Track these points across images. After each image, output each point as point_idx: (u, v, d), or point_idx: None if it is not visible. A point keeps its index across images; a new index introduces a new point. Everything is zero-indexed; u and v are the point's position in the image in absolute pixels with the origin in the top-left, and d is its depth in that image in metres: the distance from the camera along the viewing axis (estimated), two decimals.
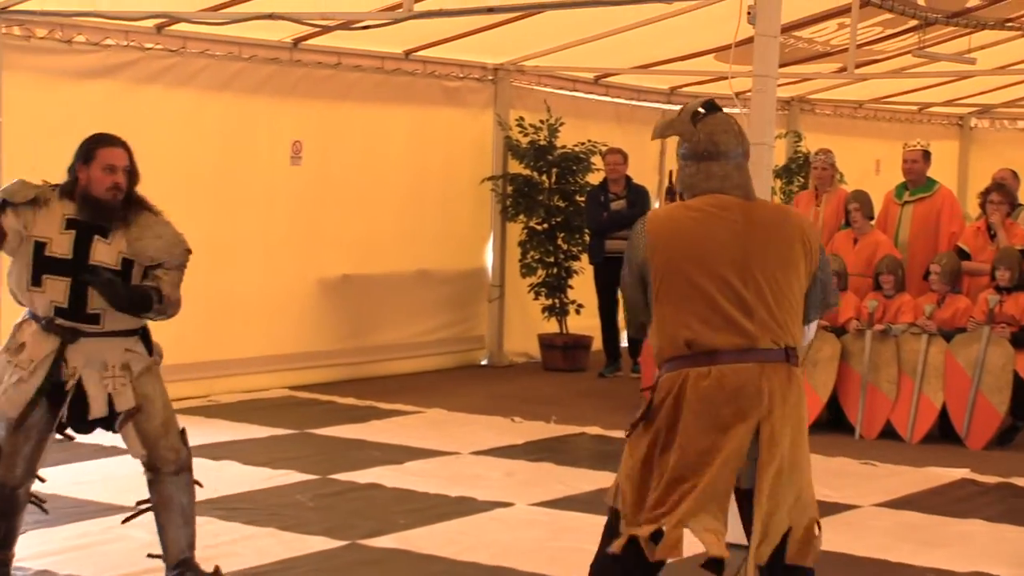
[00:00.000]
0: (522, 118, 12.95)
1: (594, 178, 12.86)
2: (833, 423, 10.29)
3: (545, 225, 12.89)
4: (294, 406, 10.76)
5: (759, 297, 4.58)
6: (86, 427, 5.88)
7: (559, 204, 12.94)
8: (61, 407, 5.71)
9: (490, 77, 13.03)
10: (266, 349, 11.30)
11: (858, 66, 12.33)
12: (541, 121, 12.89)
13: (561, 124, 12.83)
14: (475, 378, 12.49)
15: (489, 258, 13.15)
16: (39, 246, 5.67)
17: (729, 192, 4.69)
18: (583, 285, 12.86)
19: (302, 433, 9.69)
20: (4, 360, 5.80)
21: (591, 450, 9.53)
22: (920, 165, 10.94)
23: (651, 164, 14.25)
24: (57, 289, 5.67)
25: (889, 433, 10.09)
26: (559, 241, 12.91)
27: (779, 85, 7.31)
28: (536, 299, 12.92)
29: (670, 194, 11.98)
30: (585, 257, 12.79)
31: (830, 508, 7.90)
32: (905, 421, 10.06)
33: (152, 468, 5.87)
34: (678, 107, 4.97)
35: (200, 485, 6.01)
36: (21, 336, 5.79)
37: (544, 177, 12.94)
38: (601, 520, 4.82)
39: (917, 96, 16.37)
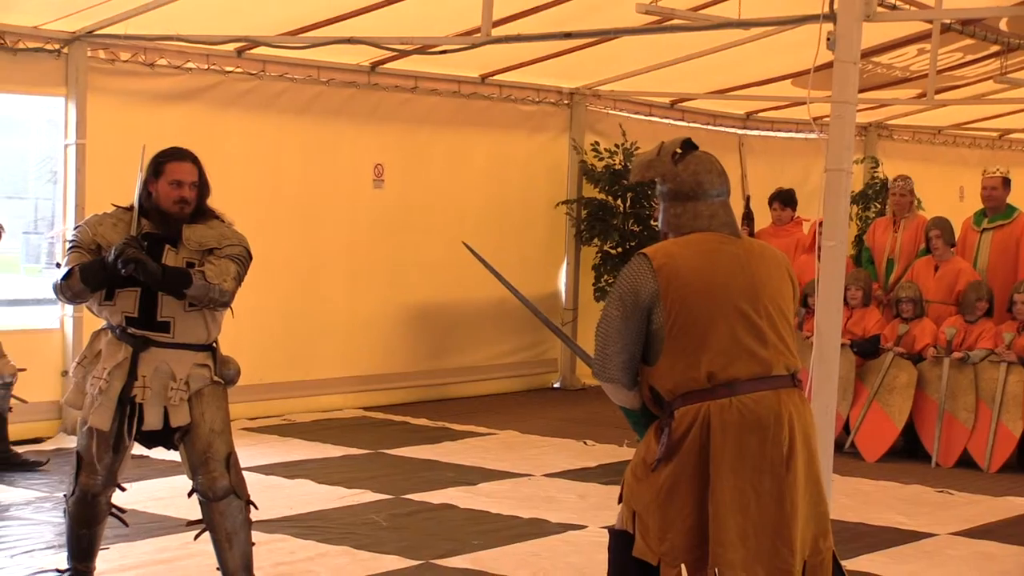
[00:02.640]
0: (597, 142, 13.02)
1: None
2: (909, 451, 10.27)
3: (619, 249, 12.92)
4: (368, 426, 10.87)
5: (770, 324, 4.67)
6: (147, 441, 5.96)
7: (633, 228, 12.98)
8: (133, 416, 5.80)
9: (566, 102, 13.11)
10: (343, 370, 11.43)
11: (938, 92, 12.29)
12: (616, 145, 12.96)
13: (636, 149, 12.87)
14: (548, 401, 12.54)
15: (563, 282, 13.22)
16: None
17: (718, 230, 4.77)
18: None
19: (376, 453, 9.79)
20: (81, 372, 5.93)
21: None
22: (999, 192, 10.88)
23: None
24: (128, 299, 5.78)
25: (966, 462, 10.03)
26: None
27: (857, 110, 7.30)
28: None
29: (747, 219, 12.02)
30: None
31: (907, 536, 7.90)
32: (983, 450, 10.00)
33: (197, 492, 5.94)
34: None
35: (255, 507, 6.04)
36: (97, 345, 5.93)
37: (619, 201, 12.99)
38: None
39: (998, 122, 16.26)
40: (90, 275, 5.74)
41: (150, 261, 5.67)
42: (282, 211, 10.89)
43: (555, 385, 13.19)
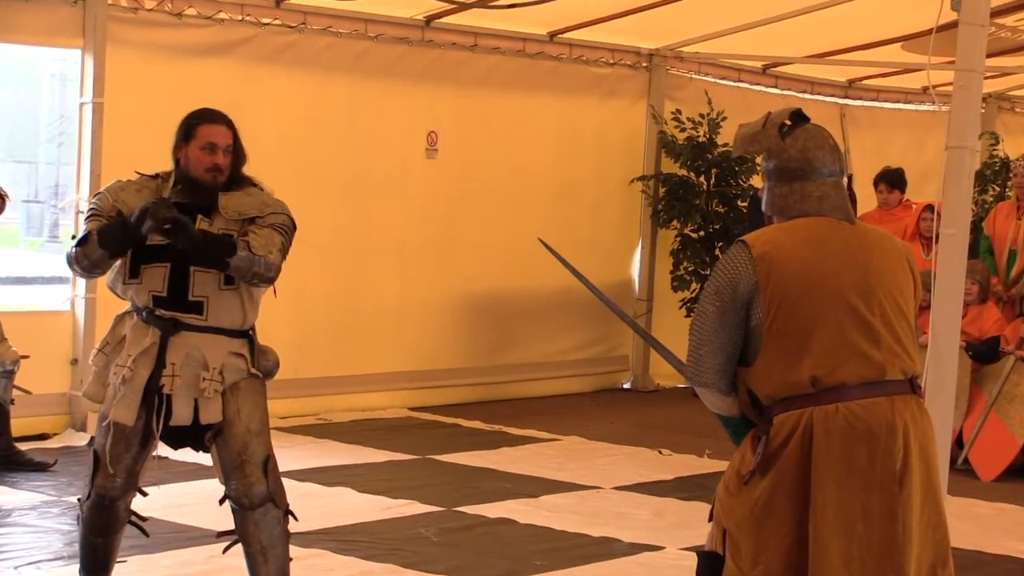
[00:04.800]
0: (679, 111, 12.94)
1: (759, 181, 12.76)
2: None
3: (701, 233, 12.86)
4: (414, 429, 10.87)
5: (884, 322, 4.60)
6: (173, 440, 5.92)
7: (718, 209, 12.92)
8: (160, 410, 5.75)
9: (644, 64, 13.05)
10: (386, 365, 11.43)
11: None
12: (700, 115, 12.89)
13: (723, 119, 12.79)
14: (617, 403, 12.53)
15: (637, 269, 13.15)
16: None
17: (828, 214, 4.70)
18: None
19: (424, 459, 9.78)
20: (103, 360, 5.89)
21: None
22: None
23: None
24: (156, 276, 5.75)
25: None
26: (716, 251, 12.86)
27: None
28: (688, 316, 12.84)
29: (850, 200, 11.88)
30: None
31: None
32: None
33: (230, 498, 5.91)
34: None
35: (295, 518, 6.02)
36: (121, 329, 5.88)
37: (702, 178, 12.91)
38: None
39: None
40: (109, 238, 5.69)
41: (191, 224, 5.63)
42: (322, 182, 10.87)
43: (625, 386, 13.16)
